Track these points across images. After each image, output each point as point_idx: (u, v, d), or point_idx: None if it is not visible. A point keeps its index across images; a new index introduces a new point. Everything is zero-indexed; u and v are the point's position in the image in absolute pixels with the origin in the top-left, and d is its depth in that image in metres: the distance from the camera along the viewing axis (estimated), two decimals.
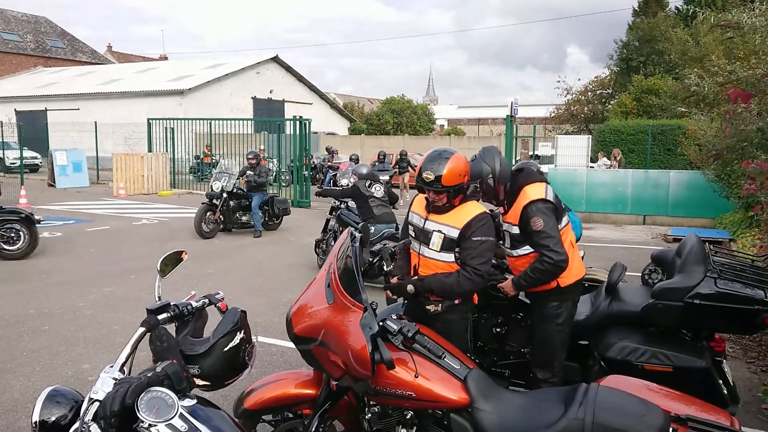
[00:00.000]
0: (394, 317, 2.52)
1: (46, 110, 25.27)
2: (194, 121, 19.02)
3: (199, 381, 1.88)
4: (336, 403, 2.63)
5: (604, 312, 3.35)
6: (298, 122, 15.43)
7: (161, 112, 21.94)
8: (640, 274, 3.87)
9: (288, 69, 32.93)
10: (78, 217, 12.17)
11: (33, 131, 23.74)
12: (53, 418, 1.72)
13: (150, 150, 18.57)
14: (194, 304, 2.11)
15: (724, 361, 3.16)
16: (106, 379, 1.72)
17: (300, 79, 33.85)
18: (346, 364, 2.22)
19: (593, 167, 16.23)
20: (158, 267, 2.16)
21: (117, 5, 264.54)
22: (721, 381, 3.01)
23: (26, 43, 39.82)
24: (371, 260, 6.65)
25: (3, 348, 4.85)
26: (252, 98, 30.29)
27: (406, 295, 3.08)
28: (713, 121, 9.80)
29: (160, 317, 1.95)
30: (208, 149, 19.38)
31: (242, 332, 1.97)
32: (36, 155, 23.74)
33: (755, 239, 7.90)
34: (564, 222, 3.21)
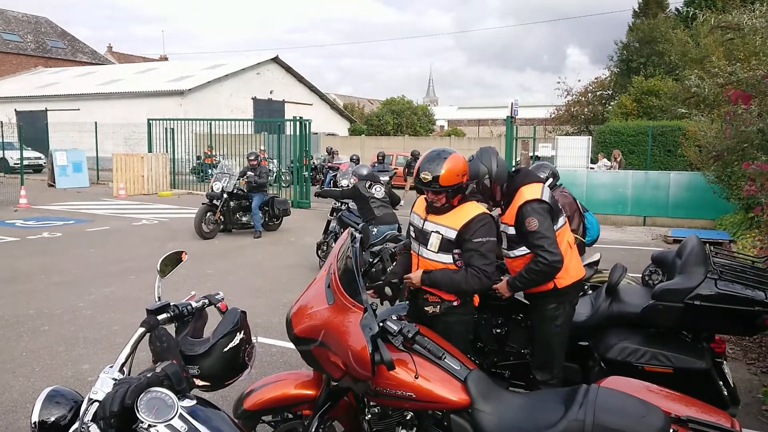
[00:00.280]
0: (395, 318, 2.52)
1: (47, 110, 25.34)
2: (194, 122, 19.02)
3: (199, 381, 1.88)
4: (336, 404, 2.63)
5: (605, 313, 3.35)
6: (299, 123, 15.44)
7: (161, 113, 21.95)
8: (641, 275, 3.86)
9: (288, 69, 32.94)
10: (78, 218, 12.17)
11: (33, 131, 23.78)
12: (52, 419, 1.72)
13: (150, 150, 18.58)
14: (194, 305, 2.10)
15: (725, 363, 3.15)
16: (106, 380, 1.71)
17: (300, 80, 33.85)
18: (346, 365, 2.22)
19: (593, 168, 16.23)
20: (158, 267, 2.16)
21: (117, 6, 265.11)
22: (722, 382, 3.01)
23: (27, 44, 39.83)
24: (371, 261, 6.62)
25: (3, 348, 4.84)
26: (252, 99, 30.30)
27: (385, 297, 3.09)
28: (713, 123, 9.79)
29: (160, 317, 1.94)
30: (210, 150, 19.38)
31: (242, 333, 1.97)
32: (40, 156, 23.67)
33: (755, 240, 7.89)
34: (561, 223, 3.20)
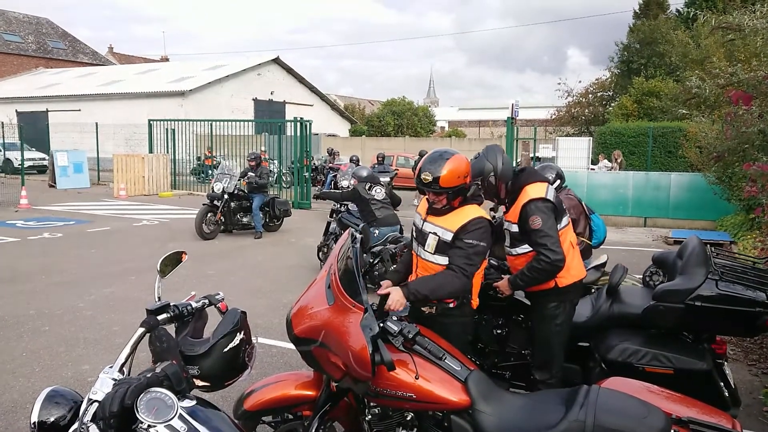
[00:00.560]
0: (395, 318, 2.51)
1: (48, 111, 25.32)
2: (195, 123, 19.03)
3: (199, 382, 1.87)
4: (336, 405, 2.63)
5: (605, 314, 3.35)
6: (299, 124, 15.44)
7: (162, 114, 21.97)
8: (641, 276, 3.86)
9: (289, 70, 32.94)
10: (78, 218, 12.18)
11: (34, 132, 23.77)
12: (52, 419, 1.71)
13: (151, 151, 18.59)
14: (194, 305, 2.10)
15: (726, 364, 3.15)
16: (106, 380, 1.71)
17: (301, 81, 33.85)
18: (347, 366, 2.22)
19: (594, 169, 16.23)
20: (158, 267, 2.16)
21: (118, 7, 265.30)
22: (723, 383, 3.00)
23: (28, 44, 39.86)
24: (372, 262, 6.61)
25: (3, 348, 4.84)
26: (253, 100, 30.30)
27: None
28: (714, 124, 9.79)
29: (160, 318, 1.94)
30: (209, 151, 19.39)
31: (242, 333, 1.96)
32: (44, 156, 23.50)
33: (756, 241, 7.88)
34: (564, 222, 3.20)
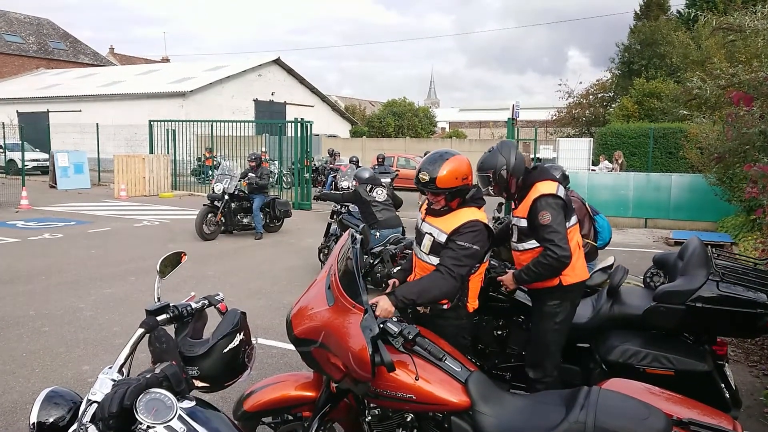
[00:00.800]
0: (395, 319, 2.51)
1: (48, 112, 25.35)
2: (196, 123, 19.04)
3: (199, 383, 1.87)
4: (336, 406, 2.62)
5: (606, 315, 3.34)
6: (300, 124, 15.44)
7: (163, 114, 21.99)
8: (642, 277, 3.85)
9: (289, 71, 32.96)
10: (79, 219, 12.18)
11: (35, 133, 23.76)
12: (51, 420, 1.71)
13: (151, 152, 18.60)
14: (194, 306, 2.09)
15: (726, 365, 3.14)
16: (105, 381, 1.70)
17: (301, 82, 33.87)
18: (347, 366, 2.21)
19: (595, 170, 16.22)
20: (158, 268, 2.15)
21: (119, 7, 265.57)
22: (723, 385, 2.99)
23: (29, 45, 39.90)
24: (372, 262, 6.60)
25: (3, 349, 4.84)
26: (253, 100, 30.31)
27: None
28: (715, 125, 9.78)
29: (159, 318, 1.94)
30: (209, 152, 19.40)
31: (242, 333, 1.96)
32: (48, 157, 23.61)
33: (757, 243, 7.88)
34: (572, 222, 3.22)
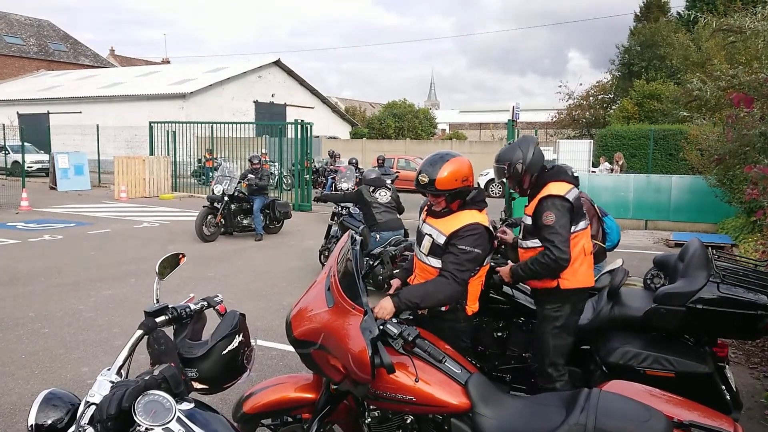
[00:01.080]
0: (395, 321, 2.50)
1: (49, 113, 25.36)
2: (196, 125, 19.05)
3: (197, 384, 1.86)
4: (336, 408, 2.62)
5: (606, 316, 3.33)
6: (300, 126, 15.44)
7: (163, 116, 21.99)
8: (642, 279, 3.85)
9: (290, 73, 33.00)
10: (79, 220, 12.18)
11: (35, 134, 23.81)
12: (49, 422, 1.70)
13: (151, 153, 18.61)
14: (193, 307, 2.08)
15: (727, 367, 3.13)
16: (103, 382, 1.70)
17: (302, 83, 33.91)
18: (346, 368, 2.21)
19: (595, 172, 16.23)
20: (157, 269, 2.15)
21: (120, 9, 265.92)
22: (724, 387, 2.98)
23: (29, 47, 39.95)
24: (372, 264, 6.58)
25: (2, 350, 4.84)
26: (254, 102, 30.35)
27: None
28: (715, 126, 9.78)
29: (158, 320, 1.93)
30: (209, 153, 19.41)
31: (241, 335, 1.95)
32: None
33: (758, 244, 7.88)
34: (581, 226, 3.17)
